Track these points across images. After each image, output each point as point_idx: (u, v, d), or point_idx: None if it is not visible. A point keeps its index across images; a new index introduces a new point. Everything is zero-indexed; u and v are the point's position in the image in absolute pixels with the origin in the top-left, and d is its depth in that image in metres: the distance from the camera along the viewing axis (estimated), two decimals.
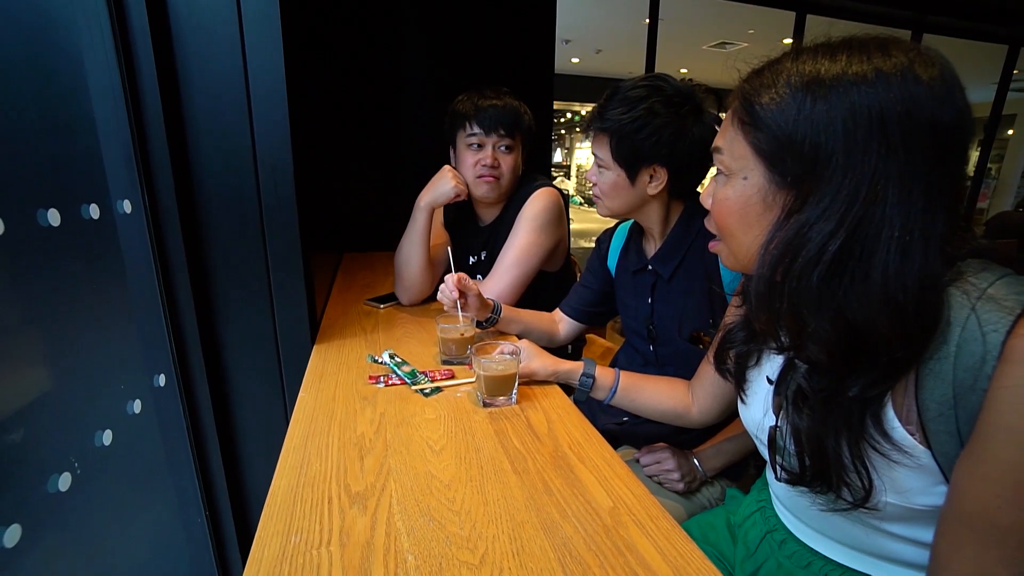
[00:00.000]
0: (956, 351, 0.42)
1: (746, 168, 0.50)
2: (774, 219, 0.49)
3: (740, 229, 0.53)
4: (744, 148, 0.50)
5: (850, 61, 0.44)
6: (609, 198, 0.94)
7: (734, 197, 0.52)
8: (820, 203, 0.45)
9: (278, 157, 0.91)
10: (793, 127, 0.45)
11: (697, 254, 0.93)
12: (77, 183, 0.74)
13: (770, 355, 0.62)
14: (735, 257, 0.56)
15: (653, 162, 0.88)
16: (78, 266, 0.74)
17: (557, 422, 0.76)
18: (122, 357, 0.86)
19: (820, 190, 0.45)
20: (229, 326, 0.99)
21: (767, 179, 0.49)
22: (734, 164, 0.52)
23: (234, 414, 1.04)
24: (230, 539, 1.08)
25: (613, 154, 0.89)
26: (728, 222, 0.54)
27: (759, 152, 0.49)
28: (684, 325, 0.95)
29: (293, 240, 0.96)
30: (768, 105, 0.47)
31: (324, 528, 0.53)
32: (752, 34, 5.83)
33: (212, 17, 0.84)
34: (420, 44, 1.82)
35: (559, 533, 0.53)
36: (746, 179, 0.51)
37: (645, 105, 0.85)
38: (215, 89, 0.87)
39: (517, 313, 1.10)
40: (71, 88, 0.75)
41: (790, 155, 0.46)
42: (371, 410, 0.78)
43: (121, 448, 0.80)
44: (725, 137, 0.53)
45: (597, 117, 0.90)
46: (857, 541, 0.57)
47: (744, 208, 0.51)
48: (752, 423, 0.64)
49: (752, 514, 0.72)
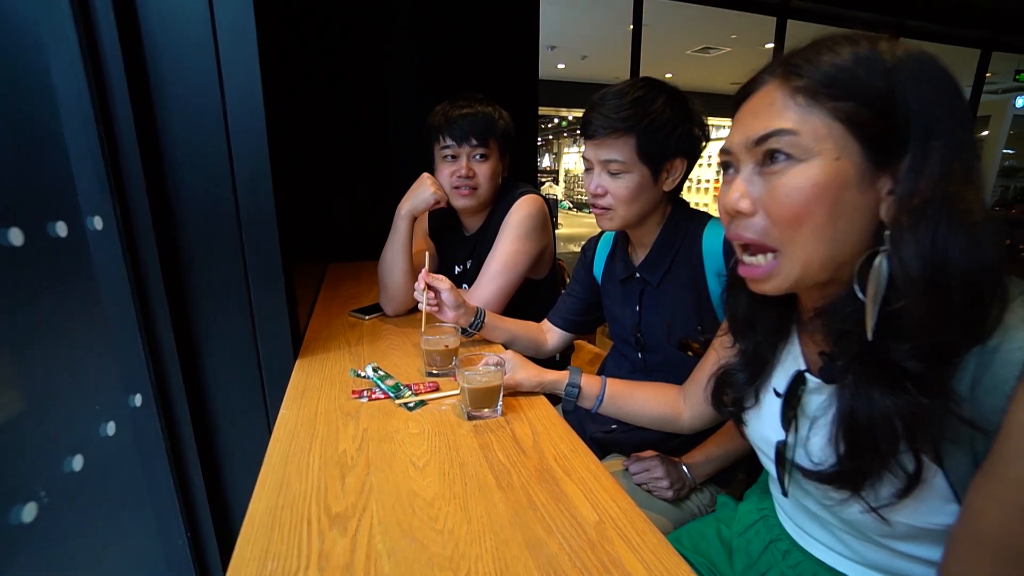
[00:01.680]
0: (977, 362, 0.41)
1: (835, 148, 0.44)
2: (874, 200, 0.44)
3: (830, 221, 0.45)
4: (828, 123, 0.44)
5: (890, 42, 0.44)
6: (627, 204, 0.89)
7: (825, 182, 0.44)
8: (943, 163, 0.41)
9: (256, 168, 0.90)
10: (886, 91, 0.42)
11: (684, 260, 0.92)
12: (42, 200, 0.72)
13: (778, 369, 0.60)
14: (807, 266, 0.47)
15: (676, 155, 0.88)
16: (45, 286, 0.72)
17: (543, 434, 0.75)
18: (95, 378, 0.83)
19: (937, 153, 0.41)
20: (208, 343, 0.96)
21: (863, 156, 0.44)
22: (816, 145, 0.44)
23: (215, 433, 1.01)
24: (213, 561, 1.05)
25: (639, 152, 0.86)
26: (813, 214, 0.45)
27: (854, 124, 0.43)
28: (672, 332, 0.95)
29: (273, 253, 0.94)
30: (849, 72, 0.43)
31: (302, 553, 0.52)
32: (735, 39, 5.92)
33: (185, 26, 0.83)
34: (405, 51, 1.82)
35: (544, 551, 0.52)
36: (839, 160, 0.44)
37: (660, 100, 0.86)
38: (189, 99, 0.86)
39: (502, 320, 1.09)
40: (36, 101, 0.72)
41: (892, 121, 0.42)
42: (354, 426, 0.76)
43: (94, 473, 0.77)
44: (790, 114, 0.45)
45: (608, 119, 0.85)
46: (864, 556, 0.56)
47: (839, 192, 0.44)
48: (759, 438, 0.62)
49: (754, 523, 0.71)
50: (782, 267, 0.48)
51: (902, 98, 0.42)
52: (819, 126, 0.44)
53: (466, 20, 1.84)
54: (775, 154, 0.46)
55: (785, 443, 0.56)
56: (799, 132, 0.45)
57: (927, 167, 0.42)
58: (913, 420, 0.43)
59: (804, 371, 0.55)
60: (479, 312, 1.04)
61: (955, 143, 0.42)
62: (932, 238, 0.41)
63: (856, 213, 0.45)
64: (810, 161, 0.45)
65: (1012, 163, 9.29)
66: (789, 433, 0.55)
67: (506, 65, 1.91)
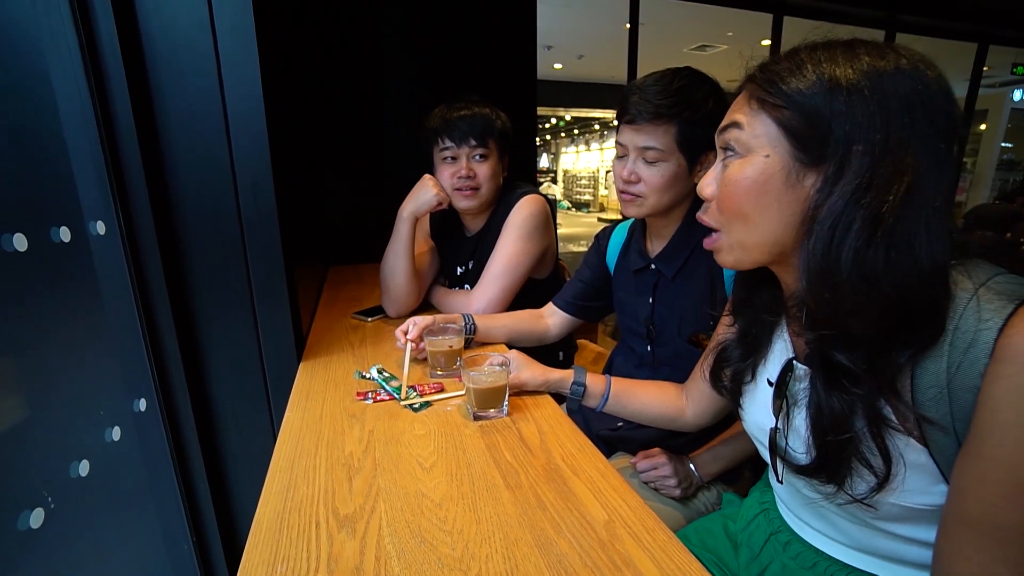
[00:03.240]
0: (950, 346, 0.43)
1: (767, 146, 0.50)
2: (801, 196, 0.48)
3: (756, 210, 0.51)
4: (766, 125, 0.49)
5: (869, 54, 0.46)
6: (659, 193, 0.87)
7: (753, 175, 0.50)
8: (859, 174, 0.45)
9: (258, 171, 0.90)
10: (823, 104, 0.46)
11: (700, 254, 0.91)
12: (45, 205, 0.72)
13: (771, 357, 0.62)
14: (742, 246, 0.54)
15: (712, 149, 0.87)
16: (48, 291, 0.71)
17: (549, 433, 0.75)
18: (99, 383, 0.83)
19: (856, 163, 0.45)
20: (212, 347, 0.96)
21: (792, 156, 0.48)
22: (753, 141, 0.50)
23: (219, 436, 1.01)
24: (219, 566, 1.05)
25: (679, 142, 0.85)
26: (743, 203, 0.52)
27: (786, 128, 0.48)
28: (684, 326, 0.94)
29: (276, 256, 0.94)
30: (795, 84, 0.47)
31: (312, 555, 0.51)
32: (731, 36, 5.93)
33: (185, 31, 0.83)
34: (402, 53, 1.81)
35: (554, 550, 0.52)
36: (768, 157, 0.50)
37: (704, 90, 0.84)
38: (190, 104, 0.85)
39: (494, 320, 1.08)
40: (36, 107, 0.72)
41: (819, 130, 0.46)
42: (359, 428, 0.76)
43: (100, 478, 0.77)
44: (743, 113, 0.52)
45: (651, 105, 0.83)
46: (860, 541, 0.57)
47: (765, 186, 0.50)
48: (754, 426, 0.64)
49: (755, 517, 0.72)
50: (722, 244, 0.56)
51: (836, 114, 0.46)
52: (759, 127, 0.50)
53: (463, 21, 1.84)
54: (728, 146, 0.53)
55: (776, 430, 0.57)
56: (744, 128, 0.51)
57: (843, 177, 0.46)
58: (852, 412, 0.47)
59: (792, 359, 0.57)
60: (468, 326, 1.04)
61: (882, 161, 0.44)
62: (830, 239, 0.46)
63: (783, 205, 0.50)
64: (747, 156, 0.51)
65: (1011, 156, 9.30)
66: (779, 420, 0.57)
67: (504, 65, 1.91)
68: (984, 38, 5.43)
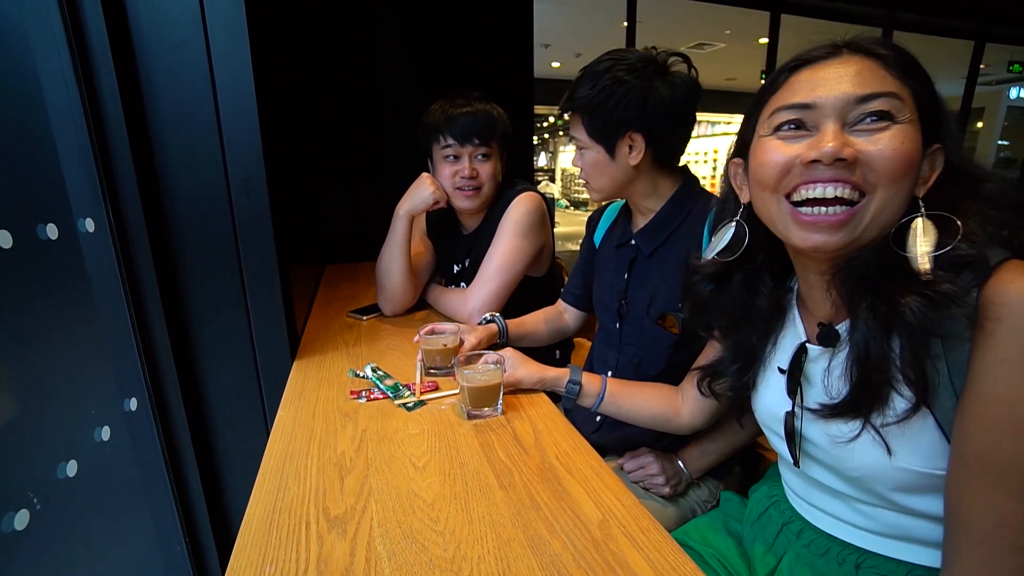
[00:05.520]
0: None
1: (913, 115, 0.52)
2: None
3: (909, 178, 0.52)
4: (908, 95, 0.52)
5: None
6: (595, 179, 0.92)
7: (913, 143, 0.52)
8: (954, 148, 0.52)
9: (250, 168, 0.89)
10: (930, 85, 0.52)
11: (682, 237, 0.90)
12: (32, 201, 0.71)
13: (779, 349, 0.64)
14: (874, 216, 0.54)
15: (628, 129, 0.86)
16: (36, 289, 0.70)
17: (544, 432, 0.74)
18: (88, 382, 0.82)
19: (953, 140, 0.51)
20: (204, 344, 0.95)
21: (919, 130, 0.52)
22: (907, 111, 0.52)
23: (212, 435, 1.00)
24: (212, 566, 1.04)
25: (588, 131, 0.88)
26: (908, 170, 0.52)
27: (918, 99, 0.52)
28: (654, 305, 0.93)
29: (269, 254, 0.93)
30: (910, 59, 0.52)
31: (301, 557, 0.51)
32: (729, 34, 5.92)
33: (176, 25, 0.82)
34: (398, 51, 1.80)
35: (547, 550, 0.51)
36: (915, 126, 0.52)
37: (609, 75, 0.84)
38: (181, 99, 0.84)
39: (522, 326, 1.10)
40: (24, 102, 0.71)
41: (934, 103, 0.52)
42: (352, 427, 0.75)
43: (89, 478, 0.76)
44: (891, 80, 0.53)
45: (568, 99, 0.89)
46: (874, 520, 0.57)
47: (918, 155, 0.52)
48: (767, 415, 0.65)
49: (766, 510, 0.72)
50: (861, 216, 0.51)
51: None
52: (907, 96, 0.51)
53: (460, 19, 1.83)
54: (880, 114, 0.50)
55: (792, 413, 0.59)
56: (902, 98, 0.50)
57: (950, 151, 0.50)
58: (912, 342, 0.48)
59: (805, 342, 0.59)
60: (501, 332, 1.06)
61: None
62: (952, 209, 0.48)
63: (915, 176, 0.51)
64: (904, 125, 0.50)
65: (1008, 154, 9.32)
66: (795, 403, 0.58)
67: (501, 64, 1.90)
68: (981, 36, 5.43)
